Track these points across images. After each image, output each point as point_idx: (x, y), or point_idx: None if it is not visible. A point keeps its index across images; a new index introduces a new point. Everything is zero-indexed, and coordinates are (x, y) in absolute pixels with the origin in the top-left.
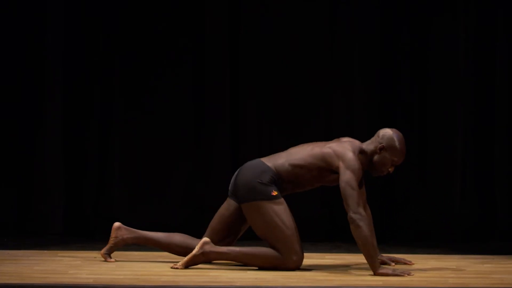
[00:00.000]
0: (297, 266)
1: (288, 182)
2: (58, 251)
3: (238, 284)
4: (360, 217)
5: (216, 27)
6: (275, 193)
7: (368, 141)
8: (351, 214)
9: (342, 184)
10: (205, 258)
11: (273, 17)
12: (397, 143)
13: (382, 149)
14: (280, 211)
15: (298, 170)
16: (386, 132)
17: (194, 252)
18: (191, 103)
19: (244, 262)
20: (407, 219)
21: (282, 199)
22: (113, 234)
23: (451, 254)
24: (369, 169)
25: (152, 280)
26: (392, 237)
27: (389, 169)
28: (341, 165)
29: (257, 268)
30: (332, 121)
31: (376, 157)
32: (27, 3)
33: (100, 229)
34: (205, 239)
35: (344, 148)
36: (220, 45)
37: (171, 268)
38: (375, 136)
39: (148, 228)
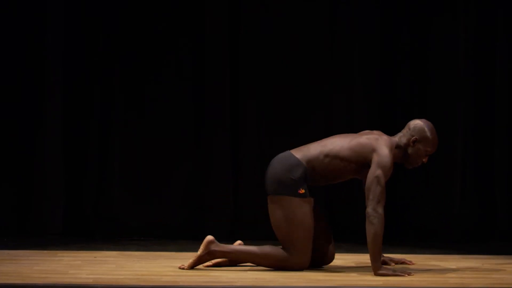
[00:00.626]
0: (301, 269)
1: (322, 175)
2: (58, 251)
3: (238, 284)
4: (376, 214)
5: (216, 27)
6: (302, 191)
7: (400, 134)
8: (369, 210)
9: (370, 177)
10: (210, 258)
11: (273, 17)
12: (429, 134)
13: (415, 141)
14: (302, 210)
15: (337, 162)
16: (417, 124)
17: (199, 252)
18: (191, 103)
19: (249, 261)
20: (407, 219)
21: (308, 199)
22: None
23: (451, 254)
24: (403, 162)
25: (152, 280)
26: (392, 237)
27: (424, 160)
28: (375, 159)
29: (261, 268)
30: (332, 121)
31: (410, 150)
32: (27, 3)
33: (100, 229)
34: (209, 237)
35: (380, 143)
36: (220, 45)
37: (179, 268)
38: (406, 128)
39: (148, 228)
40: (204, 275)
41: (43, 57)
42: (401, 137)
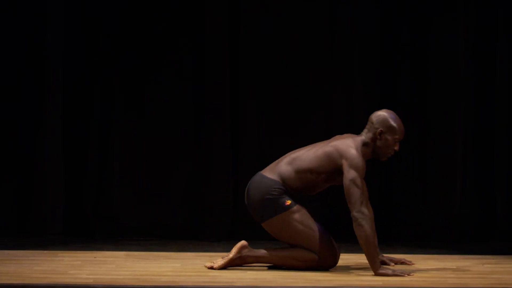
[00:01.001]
0: (335, 263)
1: (297, 189)
2: (58, 251)
3: (237, 284)
4: (362, 216)
5: (216, 27)
6: (288, 202)
7: (365, 130)
8: (354, 213)
9: (346, 182)
10: (241, 262)
11: (273, 17)
12: (393, 122)
13: (381, 133)
14: (300, 217)
15: (308, 176)
16: (379, 115)
17: (231, 256)
18: (191, 103)
19: (281, 264)
20: (407, 219)
21: (297, 206)
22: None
23: (451, 254)
24: (375, 156)
25: (152, 281)
26: (392, 237)
27: (395, 148)
28: (345, 164)
29: (261, 268)
30: (332, 121)
31: (378, 143)
32: (27, 3)
33: (100, 229)
34: (242, 242)
35: (346, 146)
36: (220, 45)
37: (205, 266)
38: (369, 123)
39: (148, 228)
40: (204, 275)
41: (43, 57)
42: (366, 133)
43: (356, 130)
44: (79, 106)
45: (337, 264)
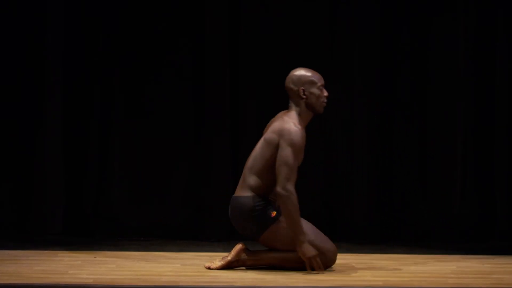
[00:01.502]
0: (333, 262)
1: (273, 191)
2: (58, 251)
3: (238, 284)
4: (286, 194)
5: (216, 27)
6: (274, 213)
7: (290, 102)
8: (279, 189)
9: (279, 158)
10: (240, 264)
11: (273, 17)
12: (306, 74)
13: (303, 91)
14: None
15: (270, 173)
16: (291, 79)
17: (229, 259)
18: (191, 103)
19: (280, 266)
20: (407, 219)
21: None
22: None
23: (451, 254)
24: (315, 113)
25: (152, 280)
26: (392, 237)
27: (324, 95)
28: (281, 142)
29: (261, 268)
30: (332, 121)
31: (308, 101)
32: (27, 3)
33: (100, 229)
34: (241, 245)
35: (280, 124)
36: (220, 45)
37: (205, 266)
38: (289, 93)
39: (148, 228)
40: (204, 275)
41: (43, 57)
42: (293, 103)
43: (356, 130)
44: (79, 106)
45: (337, 264)
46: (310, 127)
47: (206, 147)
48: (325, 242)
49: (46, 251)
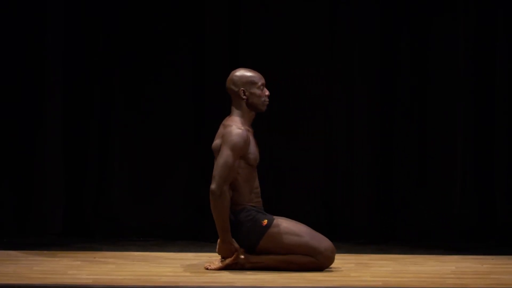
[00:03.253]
0: (332, 260)
1: (250, 195)
2: (58, 252)
3: (238, 284)
4: (219, 193)
5: (216, 27)
6: (265, 222)
7: (233, 107)
8: (214, 187)
9: (218, 159)
10: (238, 267)
11: (273, 17)
12: (246, 74)
13: (244, 92)
14: (283, 229)
15: (236, 178)
16: (231, 80)
17: (227, 261)
18: (191, 103)
19: (279, 268)
20: (407, 219)
21: (275, 220)
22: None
23: (451, 255)
24: (256, 111)
25: (152, 281)
26: (392, 237)
27: (266, 95)
28: (222, 144)
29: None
30: (332, 121)
31: (250, 101)
32: (27, 3)
33: (100, 229)
34: (240, 249)
35: (223, 128)
36: (220, 45)
37: (204, 267)
38: (231, 94)
39: (148, 228)
40: (204, 275)
41: (43, 57)
42: (234, 104)
43: (356, 131)
44: (79, 106)
45: (337, 264)
46: (310, 127)
47: (206, 147)
48: (321, 242)
49: (45, 252)
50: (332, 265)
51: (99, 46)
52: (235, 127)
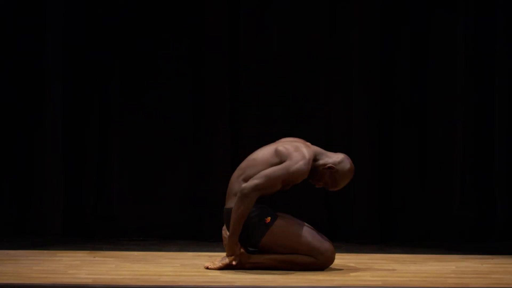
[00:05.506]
0: (332, 260)
1: (264, 195)
2: (58, 251)
3: (238, 284)
4: (247, 196)
5: (216, 27)
6: (268, 219)
7: (327, 155)
8: (247, 188)
9: (272, 168)
10: (238, 267)
11: (273, 17)
12: (346, 173)
13: (330, 168)
14: (286, 228)
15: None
16: (344, 161)
17: (228, 261)
18: (190, 103)
19: (279, 268)
20: (406, 219)
21: (278, 218)
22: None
23: (451, 254)
24: (310, 174)
25: (151, 280)
26: (392, 237)
27: (319, 184)
28: (287, 160)
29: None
30: (332, 121)
31: (320, 169)
32: (27, 3)
33: (100, 229)
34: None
35: (302, 148)
36: (220, 46)
37: (204, 266)
38: (334, 153)
39: (147, 228)
40: (203, 275)
41: (43, 57)
42: (325, 154)
43: (356, 131)
44: (79, 106)
45: (337, 264)
46: (310, 127)
47: (206, 147)
48: (322, 242)
49: (45, 251)
50: (332, 265)
51: (99, 46)
52: (308, 159)
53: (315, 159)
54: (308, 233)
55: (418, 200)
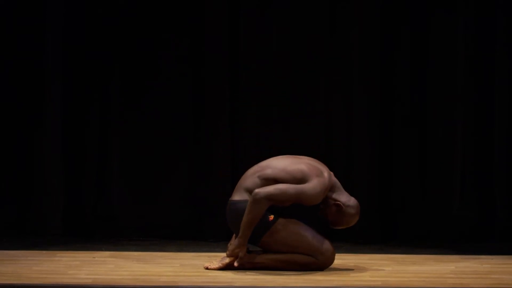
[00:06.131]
0: (332, 261)
1: None
2: (57, 252)
3: (237, 284)
4: (259, 201)
5: (216, 27)
6: (271, 217)
7: (344, 192)
8: (260, 194)
9: (292, 185)
10: (239, 266)
11: (273, 17)
12: (352, 211)
13: (337, 206)
14: (288, 228)
15: (272, 184)
16: (353, 206)
17: (227, 261)
18: (190, 103)
19: (279, 268)
20: (406, 219)
21: (280, 217)
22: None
23: (451, 255)
24: (321, 207)
25: (151, 281)
26: (392, 238)
27: (322, 212)
28: (308, 180)
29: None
30: (332, 122)
31: (330, 204)
32: (27, 3)
33: (100, 229)
34: None
35: (322, 177)
36: (220, 46)
37: (204, 267)
38: (349, 195)
39: (147, 228)
40: (203, 275)
41: (43, 57)
42: (340, 190)
43: (356, 131)
44: (79, 106)
45: (337, 264)
46: (310, 127)
47: (206, 147)
48: (323, 242)
49: (44, 251)
50: (332, 265)
51: (99, 46)
52: (325, 188)
53: (330, 189)
54: (308, 233)
55: (418, 200)
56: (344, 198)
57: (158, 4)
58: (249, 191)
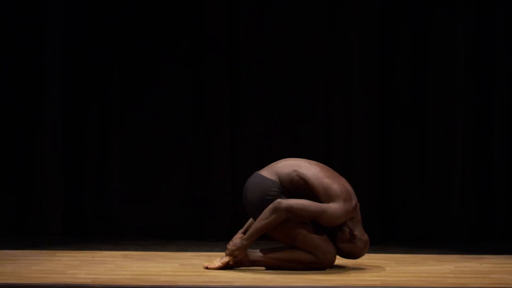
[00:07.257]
0: (332, 263)
1: (291, 193)
2: (57, 251)
3: (237, 284)
4: (278, 210)
5: (216, 27)
6: None
7: (360, 225)
8: (283, 204)
9: (317, 204)
10: (238, 265)
11: (273, 17)
12: (361, 246)
13: (352, 235)
14: (296, 219)
15: (301, 184)
16: (364, 242)
17: (226, 260)
18: (190, 103)
19: (278, 267)
20: (406, 220)
21: None
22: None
23: (450, 254)
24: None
25: (151, 280)
26: (392, 238)
27: (333, 237)
28: (334, 201)
29: (260, 268)
30: (332, 121)
31: (344, 231)
32: (27, 3)
33: (100, 229)
34: None
35: (346, 199)
36: (220, 46)
37: (203, 266)
38: (364, 231)
39: (147, 228)
40: (203, 275)
41: (43, 57)
42: (357, 223)
43: (356, 131)
44: (79, 106)
45: (337, 264)
46: (310, 127)
47: (206, 147)
48: (326, 242)
49: (44, 251)
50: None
51: (99, 46)
52: (347, 214)
53: (350, 219)
54: (315, 229)
55: (418, 200)
56: (359, 230)
57: (158, 4)
58: (280, 177)
